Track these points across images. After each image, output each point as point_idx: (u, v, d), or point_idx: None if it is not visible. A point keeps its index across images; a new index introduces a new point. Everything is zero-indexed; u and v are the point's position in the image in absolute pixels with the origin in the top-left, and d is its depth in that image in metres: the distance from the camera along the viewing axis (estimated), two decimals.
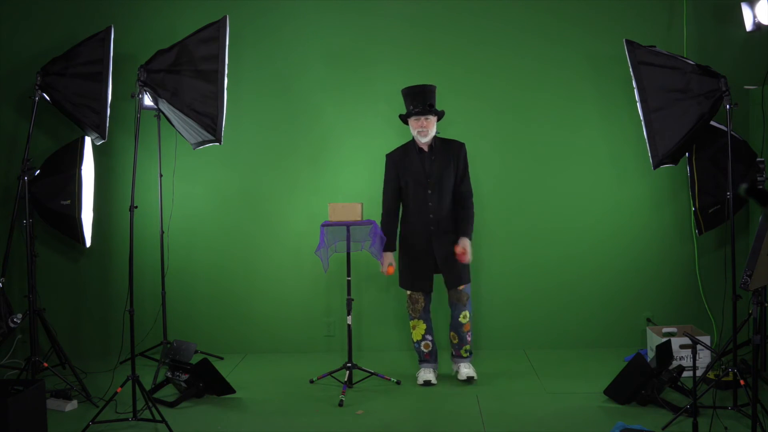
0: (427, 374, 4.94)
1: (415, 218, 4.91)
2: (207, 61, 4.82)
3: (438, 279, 4.99)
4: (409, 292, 4.97)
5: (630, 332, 5.63)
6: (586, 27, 5.59)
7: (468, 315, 4.90)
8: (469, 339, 4.94)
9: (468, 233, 4.84)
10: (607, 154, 5.64)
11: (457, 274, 4.85)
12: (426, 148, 4.88)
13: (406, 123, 4.92)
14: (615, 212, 5.65)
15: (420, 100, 4.78)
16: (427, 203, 4.87)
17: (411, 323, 4.99)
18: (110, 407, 4.28)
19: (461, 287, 4.87)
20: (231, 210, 5.75)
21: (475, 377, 4.90)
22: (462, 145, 4.92)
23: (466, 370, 4.91)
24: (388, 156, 4.98)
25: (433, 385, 4.91)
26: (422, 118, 4.78)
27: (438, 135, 4.91)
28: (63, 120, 5.39)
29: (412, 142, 4.92)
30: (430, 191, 4.85)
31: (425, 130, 4.80)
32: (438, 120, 4.89)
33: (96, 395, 4.69)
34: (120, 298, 5.34)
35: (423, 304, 4.94)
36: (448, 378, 5.04)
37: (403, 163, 4.92)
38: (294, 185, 5.73)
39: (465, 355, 4.95)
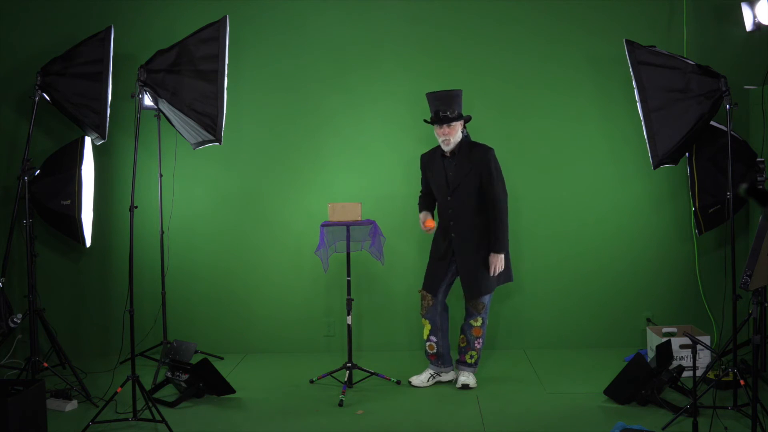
0: (418, 376, 4.94)
1: (441, 223, 4.89)
2: (207, 61, 4.82)
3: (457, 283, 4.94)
4: (419, 289, 4.96)
5: (630, 332, 5.63)
6: (586, 27, 5.59)
7: (480, 320, 4.80)
8: (477, 346, 4.82)
9: (495, 246, 4.66)
10: (607, 154, 5.64)
11: (477, 286, 4.74)
12: (449, 154, 4.77)
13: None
14: (615, 212, 5.65)
15: (441, 108, 4.66)
16: (447, 210, 4.80)
17: (422, 321, 4.96)
18: (110, 407, 4.29)
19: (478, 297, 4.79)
20: (231, 210, 5.75)
21: (472, 386, 4.80)
22: (488, 150, 4.72)
23: (463, 377, 4.83)
24: (421, 156, 4.95)
25: (415, 387, 4.88)
26: (444, 125, 4.69)
27: (467, 137, 4.80)
28: (63, 120, 5.39)
29: (440, 146, 4.82)
30: (449, 198, 4.76)
31: (448, 138, 4.69)
32: (466, 122, 4.81)
33: (96, 395, 4.69)
34: (120, 298, 5.34)
35: (430, 303, 4.87)
36: (447, 379, 5.03)
37: (430, 167, 4.87)
38: (294, 185, 5.73)
39: (470, 361, 4.84)
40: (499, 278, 4.81)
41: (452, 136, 4.70)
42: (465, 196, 4.73)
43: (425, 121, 4.84)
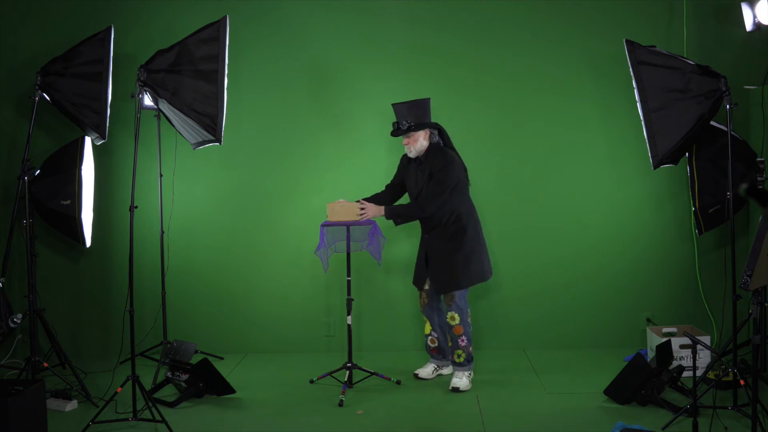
0: (423, 368, 5.04)
1: (420, 223, 4.97)
2: (207, 61, 4.82)
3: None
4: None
5: (630, 332, 5.63)
6: (586, 27, 5.59)
7: (457, 318, 4.79)
8: (462, 344, 4.80)
9: (389, 209, 4.72)
10: (607, 154, 5.64)
11: (444, 281, 4.80)
12: (416, 160, 4.85)
13: None
14: (615, 212, 5.65)
15: (398, 119, 4.76)
16: None
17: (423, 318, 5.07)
18: (110, 407, 4.29)
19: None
20: (231, 210, 5.75)
21: (462, 389, 4.77)
22: (445, 159, 4.71)
23: (456, 379, 4.83)
24: (402, 156, 5.03)
25: (421, 379, 4.98)
26: (404, 136, 4.78)
27: (437, 144, 4.81)
28: (63, 120, 5.39)
29: None
30: (416, 199, 4.85)
31: (408, 147, 4.80)
32: (436, 128, 4.82)
33: (96, 395, 4.70)
34: (120, 298, 5.34)
35: (425, 300, 4.96)
36: (448, 379, 5.03)
37: (406, 169, 4.96)
38: (294, 185, 5.73)
39: (458, 360, 4.84)
40: (471, 277, 4.80)
41: (412, 145, 4.78)
42: None
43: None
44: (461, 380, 4.83)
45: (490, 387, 4.86)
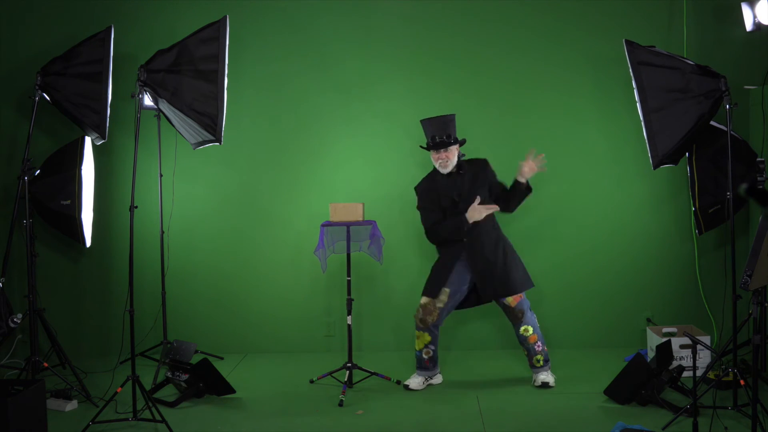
0: (412, 379, 4.88)
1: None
2: (207, 61, 4.82)
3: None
4: (425, 301, 4.83)
5: (630, 332, 5.63)
6: (586, 27, 5.59)
7: (530, 329, 4.80)
8: (538, 349, 4.82)
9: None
10: (607, 154, 5.64)
11: (509, 285, 4.75)
12: (449, 174, 4.79)
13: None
14: (615, 212, 5.65)
15: (438, 133, 4.71)
16: None
17: (417, 333, 4.88)
18: (110, 407, 4.29)
19: (513, 305, 4.77)
20: (231, 210, 5.75)
21: (551, 384, 4.80)
22: (484, 161, 4.85)
23: (542, 375, 4.83)
24: (417, 188, 4.89)
25: (412, 390, 4.83)
26: (441, 150, 4.74)
27: (461, 156, 4.81)
28: (63, 120, 5.39)
29: (436, 170, 4.82)
30: (462, 209, 4.78)
31: (445, 162, 4.74)
32: (460, 145, 4.81)
33: (96, 395, 4.70)
34: (120, 298, 5.34)
35: (434, 318, 4.77)
36: (448, 378, 5.04)
37: (435, 188, 4.83)
38: (294, 185, 5.73)
39: (537, 365, 4.84)
40: (528, 277, 4.88)
41: (451, 159, 4.75)
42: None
43: (422, 147, 4.84)
44: (548, 376, 4.84)
45: (490, 387, 4.86)
